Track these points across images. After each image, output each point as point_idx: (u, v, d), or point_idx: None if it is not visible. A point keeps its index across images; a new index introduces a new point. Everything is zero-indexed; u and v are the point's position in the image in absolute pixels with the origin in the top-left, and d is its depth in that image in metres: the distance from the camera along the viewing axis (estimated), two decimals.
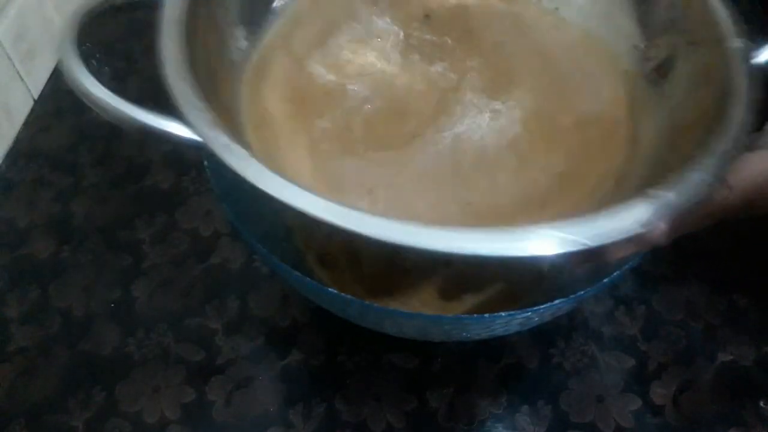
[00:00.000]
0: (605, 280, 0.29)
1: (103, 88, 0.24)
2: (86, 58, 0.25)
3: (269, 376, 0.38)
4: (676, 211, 0.22)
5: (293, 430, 0.36)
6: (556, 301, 0.28)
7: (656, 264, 0.42)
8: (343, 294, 0.29)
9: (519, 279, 0.37)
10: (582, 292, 0.28)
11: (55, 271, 0.42)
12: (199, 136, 0.24)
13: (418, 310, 0.37)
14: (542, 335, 0.39)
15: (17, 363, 0.38)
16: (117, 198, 0.46)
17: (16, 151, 0.49)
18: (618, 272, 0.29)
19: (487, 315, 0.28)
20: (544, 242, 0.21)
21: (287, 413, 0.37)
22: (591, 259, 0.28)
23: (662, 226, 0.26)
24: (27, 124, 0.51)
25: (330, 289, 0.29)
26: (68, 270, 0.43)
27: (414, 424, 0.36)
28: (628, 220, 0.22)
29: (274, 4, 0.35)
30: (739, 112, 0.25)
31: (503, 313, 0.27)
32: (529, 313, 0.28)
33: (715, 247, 0.43)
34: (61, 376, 0.38)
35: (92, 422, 0.36)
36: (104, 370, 0.38)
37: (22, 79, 0.50)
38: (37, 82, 0.53)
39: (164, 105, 0.25)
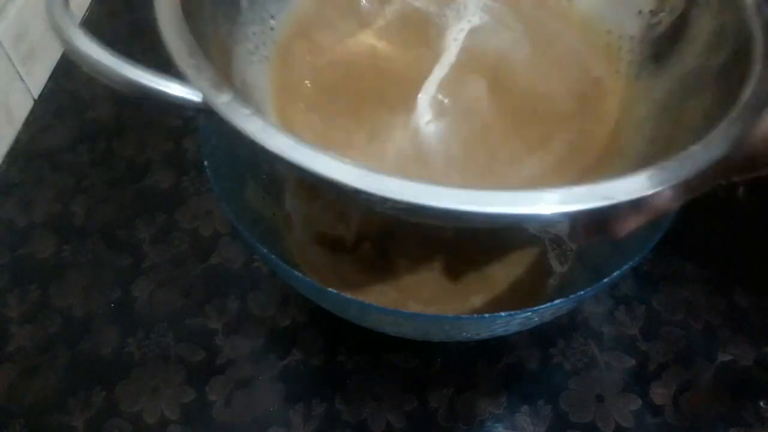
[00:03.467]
0: (605, 280, 0.29)
1: (93, 44, 0.23)
2: None
3: (269, 376, 0.38)
4: (686, 179, 0.21)
5: (293, 430, 0.36)
6: (556, 301, 0.28)
7: (656, 264, 0.42)
8: (343, 294, 0.29)
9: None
10: (582, 292, 0.28)
11: (55, 271, 0.42)
12: (201, 92, 0.22)
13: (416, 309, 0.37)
14: (542, 335, 0.39)
15: (17, 363, 0.38)
16: (117, 198, 0.46)
17: (16, 151, 0.49)
18: (618, 272, 0.29)
19: (487, 315, 0.28)
20: (553, 200, 0.20)
21: (287, 413, 0.37)
22: (601, 224, 0.27)
23: (668, 192, 0.25)
24: (27, 124, 0.51)
25: (330, 289, 0.29)
26: (68, 270, 0.43)
27: (414, 424, 0.36)
28: (638, 182, 0.21)
29: None
30: (758, 68, 0.23)
31: (503, 313, 0.27)
32: (529, 313, 0.28)
33: (715, 246, 0.43)
34: (61, 376, 0.38)
35: (92, 422, 0.36)
36: (104, 370, 0.38)
37: (22, 79, 0.50)
38: (37, 82, 0.53)
39: None
